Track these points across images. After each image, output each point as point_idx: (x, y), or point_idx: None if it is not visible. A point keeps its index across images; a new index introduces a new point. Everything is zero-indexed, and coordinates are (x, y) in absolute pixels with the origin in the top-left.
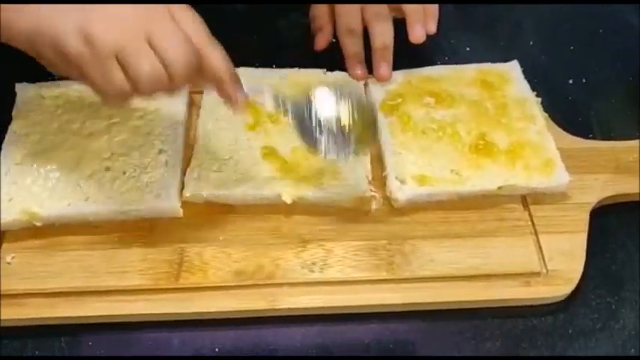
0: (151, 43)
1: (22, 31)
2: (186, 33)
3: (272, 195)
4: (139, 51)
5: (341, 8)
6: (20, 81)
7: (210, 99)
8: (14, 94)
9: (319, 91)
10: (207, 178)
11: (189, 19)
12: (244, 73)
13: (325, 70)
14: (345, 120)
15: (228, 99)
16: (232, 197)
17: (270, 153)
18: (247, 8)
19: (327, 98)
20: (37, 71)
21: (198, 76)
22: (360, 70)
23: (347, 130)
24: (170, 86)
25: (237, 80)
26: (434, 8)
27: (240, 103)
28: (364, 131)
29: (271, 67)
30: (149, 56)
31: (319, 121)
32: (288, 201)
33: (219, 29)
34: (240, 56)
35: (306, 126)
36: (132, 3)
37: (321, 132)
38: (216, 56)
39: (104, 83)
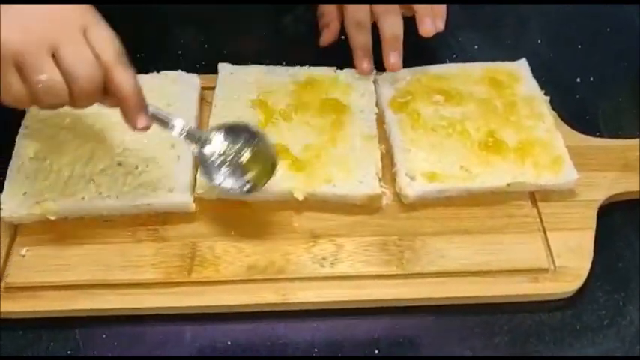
0: (56, 55)
1: None
2: (95, 50)
3: (283, 192)
4: (39, 62)
5: (350, 5)
6: None
7: (221, 96)
8: None
9: (226, 128)
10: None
11: (102, 36)
12: (254, 70)
13: (335, 67)
14: (246, 157)
15: (128, 122)
16: (244, 195)
17: (281, 150)
18: (258, 6)
19: (232, 135)
20: None
21: (103, 96)
22: (367, 64)
23: (245, 167)
24: (72, 101)
25: (141, 105)
26: (442, 8)
27: (139, 128)
28: (263, 171)
29: (281, 64)
30: (49, 68)
31: (220, 154)
32: (300, 198)
33: (227, 27)
34: (251, 54)
35: (206, 157)
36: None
37: (220, 164)
38: (122, 78)
39: (3, 88)
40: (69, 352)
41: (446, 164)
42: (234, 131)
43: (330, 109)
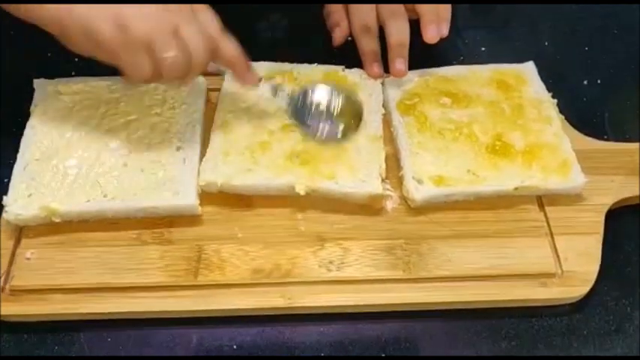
0: (177, 35)
1: (53, 13)
2: (205, 28)
3: (286, 186)
4: (166, 41)
5: (356, 7)
6: (38, 77)
7: (227, 92)
8: (32, 90)
9: (314, 84)
10: (222, 167)
11: (208, 16)
12: (262, 67)
13: (344, 67)
14: (335, 108)
15: (242, 79)
16: (246, 187)
17: (286, 147)
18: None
19: (321, 90)
20: (55, 67)
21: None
22: (377, 69)
23: (335, 117)
24: (189, 72)
25: (248, 64)
26: (447, 10)
27: (252, 82)
28: (351, 120)
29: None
30: (174, 46)
31: (312, 108)
32: (302, 192)
33: (233, 27)
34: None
35: (300, 111)
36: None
37: (312, 117)
38: (229, 46)
39: (133, 68)
40: (73, 355)
41: (453, 168)
42: (325, 87)
43: None
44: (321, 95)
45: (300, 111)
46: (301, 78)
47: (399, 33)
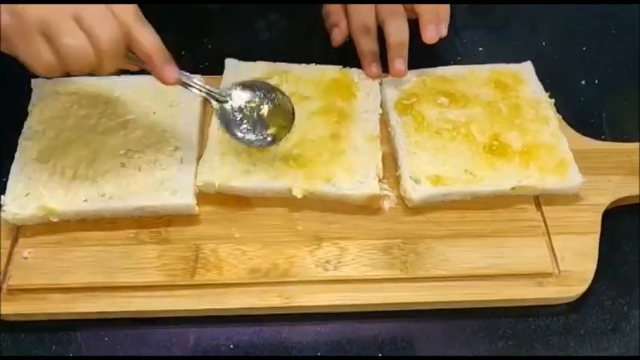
0: (78, 21)
1: None
2: (114, 12)
3: (283, 188)
4: (63, 26)
5: (355, 7)
6: (36, 77)
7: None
8: (30, 90)
9: (242, 84)
10: (220, 168)
11: (121, 3)
12: (260, 66)
13: (342, 66)
14: (264, 110)
15: (158, 75)
16: (243, 189)
17: (283, 148)
18: (262, 5)
19: (248, 91)
20: None
21: (127, 56)
22: (375, 69)
23: (265, 118)
24: (99, 64)
25: (167, 59)
26: (446, 10)
27: (169, 80)
28: (283, 121)
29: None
30: (74, 32)
31: (240, 109)
32: (299, 195)
33: (231, 27)
34: (256, 54)
35: (228, 113)
36: None
37: (241, 119)
38: (145, 35)
39: (30, 56)
40: (71, 354)
41: (450, 167)
42: (251, 87)
43: (333, 108)
44: (244, 100)
45: (228, 121)
46: (299, 78)
47: (398, 33)
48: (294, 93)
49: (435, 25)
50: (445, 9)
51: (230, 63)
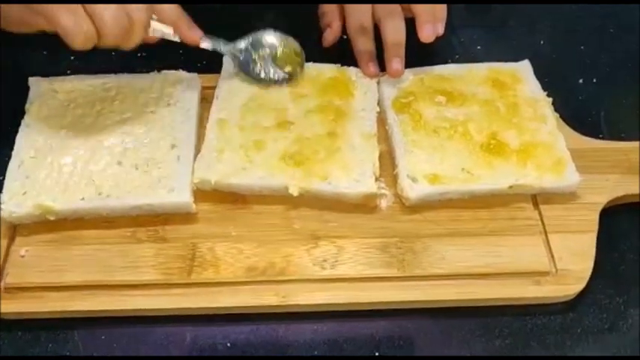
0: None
1: None
2: None
3: (279, 186)
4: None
5: (352, 6)
6: (33, 75)
7: (222, 90)
8: (27, 88)
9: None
10: (217, 165)
11: None
12: None
13: (339, 65)
14: (278, 53)
15: (184, 36)
16: (240, 186)
17: (280, 146)
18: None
19: (264, 36)
20: (50, 65)
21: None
22: (372, 68)
23: (278, 62)
24: (131, 32)
25: (189, 22)
26: (443, 10)
27: (194, 39)
28: (294, 64)
29: None
30: (111, 5)
31: (255, 56)
32: (295, 193)
33: (228, 26)
34: None
35: (243, 62)
36: None
37: (255, 62)
38: (166, 8)
39: (73, 28)
40: (68, 353)
41: (447, 166)
42: (260, 36)
43: (331, 106)
44: (264, 41)
45: (244, 61)
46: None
47: (395, 32)
48: (292, 91)
49: (432, 25)
50: (442, 8)
51: (228, 61)
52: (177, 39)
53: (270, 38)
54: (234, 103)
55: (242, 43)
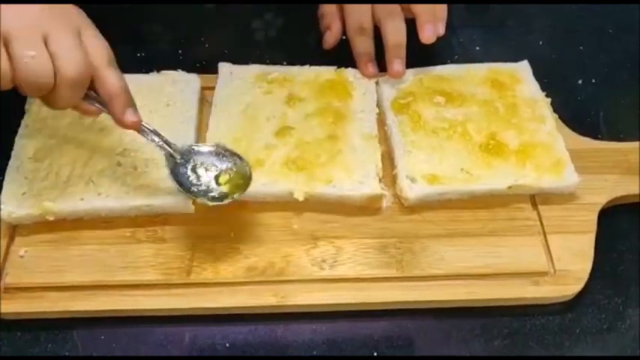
0: (47, 41)
1: None
2: (86, 49)
3: (283, 192)
4: (30, 41)
5: (351, 7)
6: None
7: (221, 95)
8: None
9: (201, 145)
10: None
11: (95, 40)
12: (254, 70)
13: (336, 67)
14: (220, 171)
15: (119, 118)
16: (244, 194)
17: (282, 152)
18: (259, 5)
19: (207, 153)
20: None
21: (86, 95)
22: (371, 69)
23: (220, 179)
24: (55, 89)
25: (129, 102)
26: (443, 10)
27: (128, 124)
28: (239, 181)
29: (282, 64)
30: (38, 47)
31: (194, 169)
32: (300, 198)
33: (227, 26)
34: (252, 53)
35: (181, 171)
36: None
37: (195, 178)
38: (111, 77)
39: None
40: (67, 353)
41: (446, 166)
42: (211, 151)
43: (330, 109)
44: (200, 161)
45: (180, 177)
46: (294, 80)
47: (396, 33)
48: (289, 95)
49: (432, 25)
50: (442, 8)
51: (223, 67)
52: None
53: (219, 158)
54: (233, 110)
55: (184, 154)
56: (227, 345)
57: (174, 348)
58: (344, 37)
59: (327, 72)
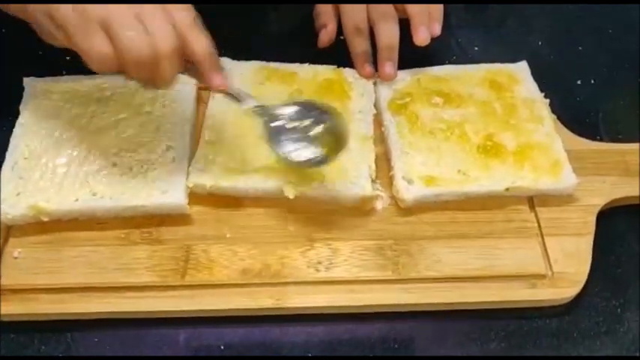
0: (139, 19)
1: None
2: (174, 18)
3: (275, 189)
4: (124, 22)
5: (346, 7)
6: (28, 75)
7: (218, 94)
8: (22, 88)
9: (295, 102)
10: (212, 169)
11: (179, 7)
12: (253, 66)
13: (336, 66)
14: (316, 132)
15: (208, 80)
16: (235, 189)
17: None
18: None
19: (303, 111)
20: (46, 66)
21: (182, 61)
22: (368, 69)
23: (315, 141)
24: (157, 63)
25: (216, 66)
26: (438, 10)
27: (218, 85)
28: (331, 148)
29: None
30: (135, 28)
31: (286, 127)
32: (291, 196)
33: (225, 26)
34: (252, 50)
35: (274, 129)
36: None
37: (289, 137)
38: (198, 41)
39: (90, 48)
40: (60, 355)
41: (444, 168)
42: (305, 107)
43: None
44: (297, 115)
45: (274, 136)
46: (292, 78)
47: (388, 36)
48: (288, 93)
49: (427, 27)
50: (437, 9)
51: (223, 63)
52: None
53: (318, 112)
54: (230, 106)
55: (282, 109)
56: (222, 347)
57: (169, 350)
58: (341, 37)
59: (326, 71)
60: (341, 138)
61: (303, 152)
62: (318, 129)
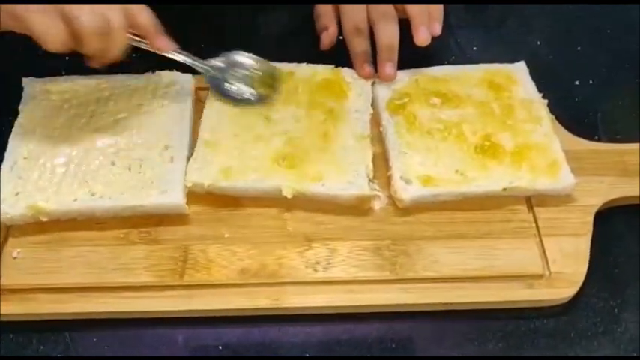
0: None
1: None
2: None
3: (273, 189)
4: (77, 6)
5: (346, 7)
6: (27, 75)
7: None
8: (21, 89)
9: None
10: (210, 168)
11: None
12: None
13: (334, 66)
14: (254, 75)
15: (155, 46)
16: (233, 189)
17: (273, 148)
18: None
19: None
20: (44, 66)
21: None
22: (368, 69)
23: (252, 81)
24: (110, 38)
25: (160, 32)
26: (438, 10)
27: (165, 48)
28: (268, 88)
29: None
30: (87, 7)
31: (230, 73)
32: (289, 196)
33: (224, 26)
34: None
35: (216, 77)
36: None
37: (229, 81)
38: (142, 13)
39: (46, 30)
40: (59, 354)
41: (441, 168)
42: (238, 56)
43: (324, 107)
44: (240, 62)
45: (217, 78)
46: (291, 77)
47: (388, 36)
48: (286, 92)
49: (427, 27)
50: (437, 9)
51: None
52: (147, 47)
53: (246, 60)
54: (227, 105)
55: (217, 61)
56: (220, 347)
57: (167, 350)
58: (341, 38)
59: (324, 70)
60: (276, 78)
61: (245, 93)
62: (255, 73)
